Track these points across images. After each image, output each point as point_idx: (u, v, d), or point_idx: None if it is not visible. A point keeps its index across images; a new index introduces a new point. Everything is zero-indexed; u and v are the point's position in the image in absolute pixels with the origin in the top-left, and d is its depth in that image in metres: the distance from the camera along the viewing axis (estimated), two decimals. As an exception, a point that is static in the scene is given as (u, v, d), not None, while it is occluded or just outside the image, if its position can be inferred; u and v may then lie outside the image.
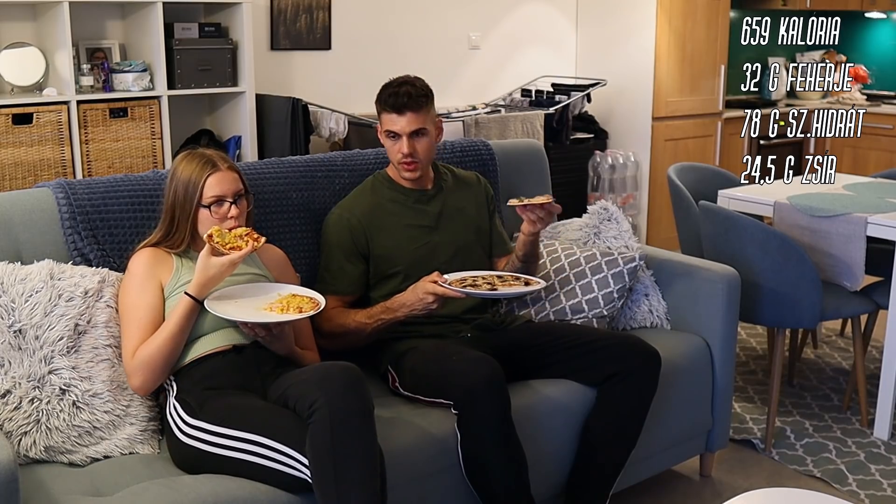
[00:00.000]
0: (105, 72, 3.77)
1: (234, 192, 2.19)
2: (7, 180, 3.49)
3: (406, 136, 2.44)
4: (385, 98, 2.44)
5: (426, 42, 4.99)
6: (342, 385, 1.85)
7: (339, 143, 4.28)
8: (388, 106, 2.44)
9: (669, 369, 2.56)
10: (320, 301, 2.14)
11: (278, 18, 4.40)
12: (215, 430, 1.92)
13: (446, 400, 2.17)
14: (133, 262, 2.16)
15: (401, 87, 2.43)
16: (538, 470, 2.27)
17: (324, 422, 1.80)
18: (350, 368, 1.91)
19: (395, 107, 2.42)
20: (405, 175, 2.51)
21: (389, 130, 2.46)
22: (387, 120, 2.46)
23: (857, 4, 6.29)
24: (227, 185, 2.18)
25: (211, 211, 2.16)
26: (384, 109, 2.46)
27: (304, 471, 1.84)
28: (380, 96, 2.47)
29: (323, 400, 1.81)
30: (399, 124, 2.43)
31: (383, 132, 2.49)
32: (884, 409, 3.11)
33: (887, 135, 5.84)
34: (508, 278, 2.40)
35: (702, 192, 3.54)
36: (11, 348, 2.00)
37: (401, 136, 2.44)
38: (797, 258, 2.95)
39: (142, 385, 2.08)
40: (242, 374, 2.09)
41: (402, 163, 2.47)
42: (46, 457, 1.98)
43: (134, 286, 2.13)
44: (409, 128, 2.43)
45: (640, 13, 5.19)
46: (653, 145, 5.29)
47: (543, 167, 3.20)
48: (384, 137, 2.49)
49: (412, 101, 2.42)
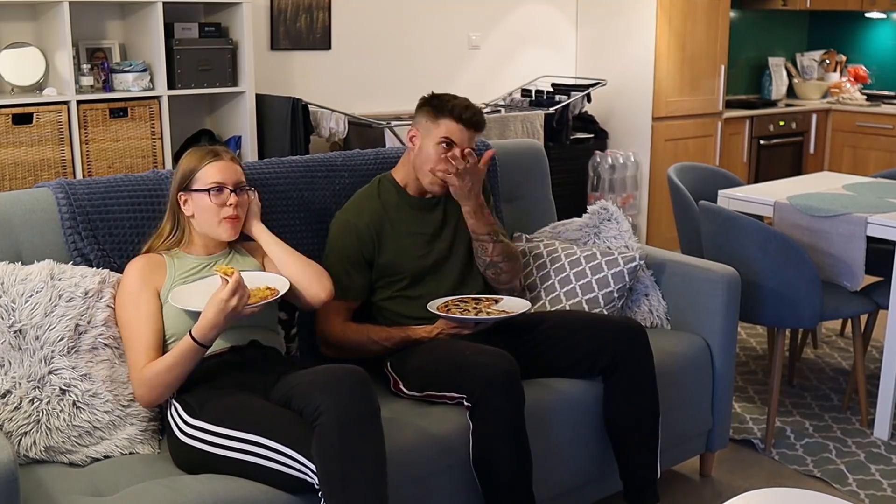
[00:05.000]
0: (105, 72, 3.77)
1: (234, 181, 2.20)
2: (7, 180, 3.50)
3: (462, 149, 2.47)
4: (457, 110, 2.46)
5: (426, 42, 4.99)
6: (349, 387, 1.85)
7: (339, 143, 4.28)
8: (461, 117, 2.46)
9: (669, 369, 2.56)
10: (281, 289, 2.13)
11: (278, 18, 4.40)
12: (215, 431, 1.92)
13: (458, 393, 2.18)
14: (126, 275, 2.16)
15: (468, 103, 2.49)
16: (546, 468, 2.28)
17: (331, 424, 1.79)
18: (357, 371, 1.91)
19: (470, 121, 2.47)
20: (433, 188, 2.51)
21: (451, 139, 2.47)
22: (452, 129, 2.46)
23: (857, 4, 6.29)
24: (228, 174, 2.19)
25: (210, 195, 2.17)
26: (453, 119, 2.46)
27: (304, 471, 1.84)
28: (446, 105, 2.47)
29: (330, 402, 1.81)
30: (464, 137, 2.47)
31: (438, 138, 2.47)
32: (884, 409, 3.11)
33: (887, 135, 5.84)
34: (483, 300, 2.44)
35: (702, 192, 3.54)
36: (11, 348, 2.00)
37: (457, 147, 2.47)
38: (797, 258, 2.95)
39: (142, 400, 2.07)
40: (242, 374, 2.09)
41: (448, 172, 2.46)
42: (46, 457, 1.98)
43: (128, 302, 2.12)
44: (469, 144, 2.49)
45: (640, 13, 5.19)
46: (653, 145, 5.29)
47: (543, 167, 3.20)
48: (433, 144, 2.47)
49: (481, 122, 2.51)
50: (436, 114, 2.48)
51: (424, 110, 2.51)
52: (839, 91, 6.39)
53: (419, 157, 2.50)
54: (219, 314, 1.97)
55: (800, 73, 6.63)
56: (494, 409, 2.11)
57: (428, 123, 2.49)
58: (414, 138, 2.52)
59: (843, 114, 6.11)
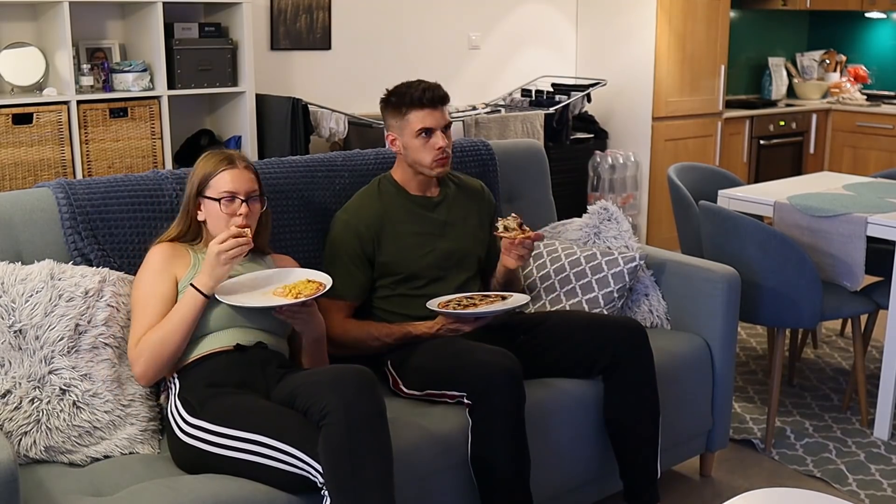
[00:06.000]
0: (105, 72, 3.77)
1: (247, 191, 2.20)
2: (7, 180, 3.49)
3: (440, 129, 2.47)
4: (415, 97, 2.45)
5: (426, 42, 4.99)
6: (356, 387, 1.85)
7: (338, 143, 4.28)
8: (422, 102, 2.45)
9: (669, 369, 2.56)
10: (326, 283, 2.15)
11: (278, 18, 4.40)
12: (216, 430, 1.92)
13: (458, 391, 2.18)
14: (150, 255, 2.18)
15: (422, 84, 2.47)
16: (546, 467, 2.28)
17: (339, 424, 1.79)
18: (363, 371, 1.91)
19: (431, 101, 2.45)
20: (437, 172, 2.50)
21: (424, 127, 2.46)
22: (420, 118, 2.45)
23: (857, 4, 6.29)
24: (241, 183, 2.19)
25: (221, 205, 2.17)
26: (416, 107, 2.45)
27: (307, 470, 1.84)
28: (404, 97, 2.46)
29: (337, 402, 1.81)
30: (435, 118, 2.46)
31: (414, 132, 2.46)
32: (884, 409, 3.11)
33: (887, 135, 5.84)
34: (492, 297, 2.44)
35: (702, 192, 3.54)
36: (12, 348, 2.00)
37: (435, 130, 2.46)
38: (797, 258, 2.95)
39: (143, 373, 2.07)
40: (246, 373, 2.08)
41: (439, 159, 2.47)
42: (46, 457, 1.98)
43: (148, 277, 2.14)
44: (444, 121, 2.48)
45: (640, 13, 5.19)
46: (653, 145, 5.29)
47: (543, 167, 3.20)
48: (412, 138, 2.47)
49: (443, 95, 2.48)
50: (399, 109, 2.48)
51: (388, 111, 2.51)
52: (839, 91, 6.39)
53: (410, 156, 2.50)
54: (212, 259, 2.06)
55: (800, 73, 6.63)
56: (495, 406, 2.11)
57: (398, 122, 2.49)
58: (395, 141, 2.52)
59: (843, 114, 6.11)
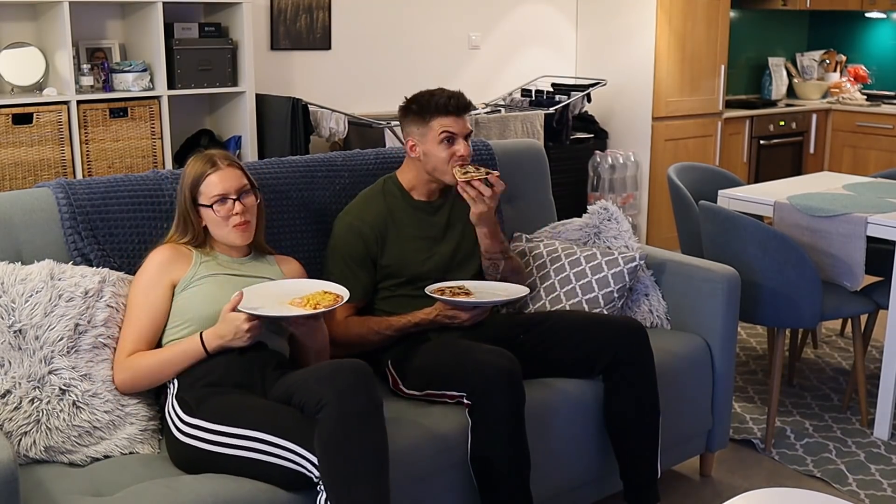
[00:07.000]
0: (105, 72, 3.76)
1: (237, 188, 2.20)
2: (7, 180, 3.49)
3: (462, 137, 2.46)
4: (441, 104, 2.45)
5: (426, 42, 4.99)
6: (352, 380, 1.85)
7: (339, 143, 4.28)
8: (447, 109, 2.45)
9: (669, 369, 2.56)
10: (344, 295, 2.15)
11: (278, 18, 4.40)
12: (213, 428, 1.92)
13: (458, 391, 2.18)
14: (149, 259, 2.18)
15: (446, 92, 2.47)
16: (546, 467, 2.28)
17: (333, 417, 1.80)
18: (359, 365, 1.91)
19: (457, 109, 2.46)
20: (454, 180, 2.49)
21: (449, 133, 2.45)
22: (445, 124, 2.45)
23: (857, 4, 6.29)
24: (228, 183, 2.19)
25: (214, 210, 2.17)
26: (441, 114, 2.45)
27: (307, 466, 1.84)
28: (429, 104, 2.45)
29: (332, 395, 1.82)
30: (459, 126, 2.46)
31: (437, 139, 2.45)
32: (884, 409, 3.11)
33: (887, 135, 5.84)
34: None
35: (702, 192, 3.54)
36: (11, 348, 2.00)
37: (458, 137, 2.46)
38: (797, 258, 2.95)
39: (121, 385, 2.09)
40: (244, 373, 2.08)
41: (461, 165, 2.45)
42: (46, 457, 1.98)
43: (142, 284, 2.15)
44: (467, 129, 2.48)
45: (640, 13, 5.19)
46: (653, 145, 5.29)
47: (543, 167, 3.20)
48: (435, 144, 2.46)
49: (467, 104, 2.49)
50: (423, 116, 2.47)
51: (410, 117, 2.50)
52: (839, 91, 6.39)
53: (430, 163, 2.49)
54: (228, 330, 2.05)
55: (800, 73, 6.63)
56: (494, 406, 2.11)
57: (420, 128, 2.48)
58: (414, 147, 2.50)
59: (843, 114, 6.11)
